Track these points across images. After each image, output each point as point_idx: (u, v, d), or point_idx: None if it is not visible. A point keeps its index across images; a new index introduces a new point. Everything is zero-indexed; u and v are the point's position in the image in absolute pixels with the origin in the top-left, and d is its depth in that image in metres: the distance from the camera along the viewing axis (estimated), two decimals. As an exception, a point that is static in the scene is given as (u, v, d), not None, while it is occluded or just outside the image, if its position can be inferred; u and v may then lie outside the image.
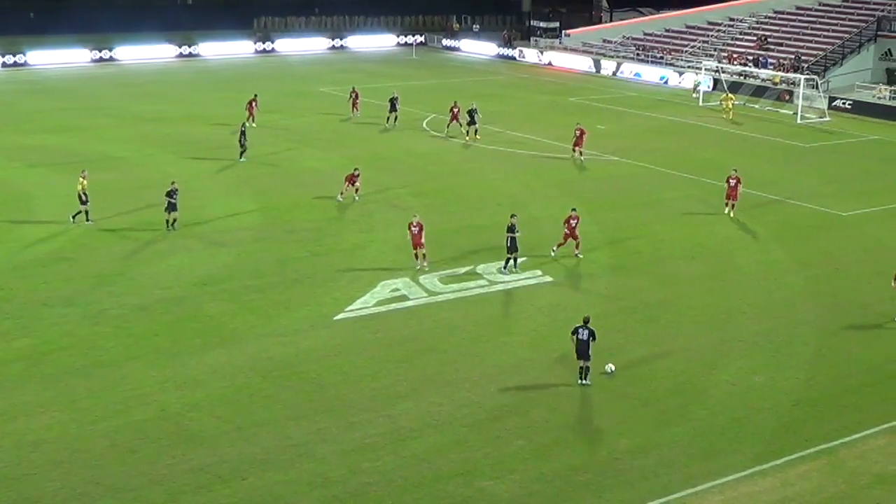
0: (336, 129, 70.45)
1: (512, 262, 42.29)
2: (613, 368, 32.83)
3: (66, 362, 32.88)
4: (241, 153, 60.14)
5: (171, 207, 46.48)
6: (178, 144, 64.85)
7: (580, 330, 31.96)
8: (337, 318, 37.08)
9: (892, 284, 38.38)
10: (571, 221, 43.99)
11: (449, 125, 68.74)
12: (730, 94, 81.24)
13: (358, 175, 51.95)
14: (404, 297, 39.16)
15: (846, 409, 30.98)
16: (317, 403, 30.51)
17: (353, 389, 31.47)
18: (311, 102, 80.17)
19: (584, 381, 31.99)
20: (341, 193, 51.86)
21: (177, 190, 46.67)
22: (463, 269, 42.22)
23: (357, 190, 51.97)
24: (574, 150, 62.57)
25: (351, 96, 75.21)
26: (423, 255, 42.22)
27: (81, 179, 47.76)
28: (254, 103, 68.80)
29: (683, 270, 43.03)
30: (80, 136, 67.19)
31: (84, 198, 47.31)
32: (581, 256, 44.21)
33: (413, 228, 42.08)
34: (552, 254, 44.08)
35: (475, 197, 53.59)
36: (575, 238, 44.00)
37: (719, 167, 61.26)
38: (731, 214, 50.90)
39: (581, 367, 32.06)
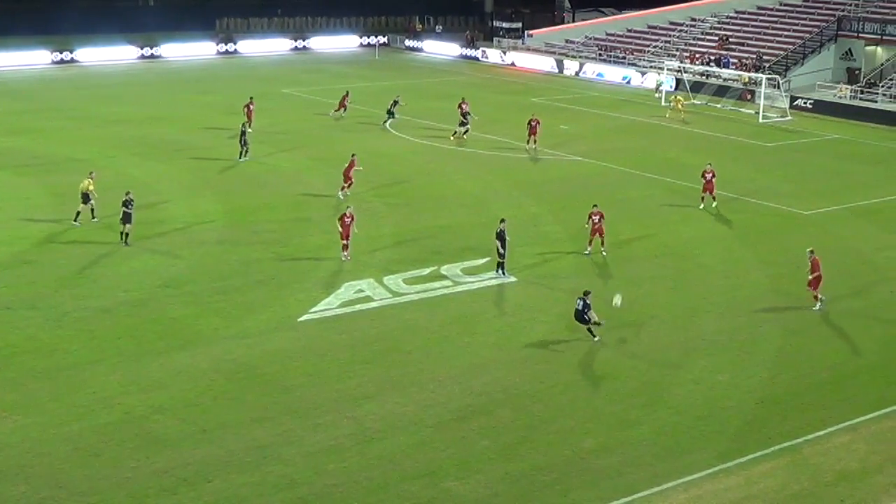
0: (299, 131, 70.23)
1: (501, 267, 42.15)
2: (619, 301, 36.57)
3: (29, 365, 32.65)
4: (242, 153, 60.41)
5: (126, 218, 44.52)
6: (141, 146, 64.49)
7: (577, 301, 35.21)
8: (301, 320, 37.01)
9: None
10: (594, 217, 44.63)
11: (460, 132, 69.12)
12: (678, 95, 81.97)
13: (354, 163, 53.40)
14: (369, 299, 39.14)
15: (809, 407, 31.21)
16: (282, 405, 30.45)
17: (317, 391, 31.43)
18: (274, 104, 79.86)
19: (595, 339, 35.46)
20: (342, 189, 52.76)
21: (132, 200, 44.84)
22: (427, 270, 42.23)
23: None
24: (529, 141, 63.02)
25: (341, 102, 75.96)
26: (346, 245, 43.08)
27: (89, 180, 47.90)
28: (250, 106, 68.34)
29: (647, 270, 43.21)
30: (42, 138, 66.66)
31: (88, 197, 47.30)
32: (605, 254, 44.93)
33: (346, 220, 42.99)
34: (586, 252, 44.93)
35: (439, 197, 53.63)
36: (600, 234, 44.72)
37: (682, 167, 61.72)
38: (710, 206, 52.64)
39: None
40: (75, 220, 47.23)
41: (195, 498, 25.57)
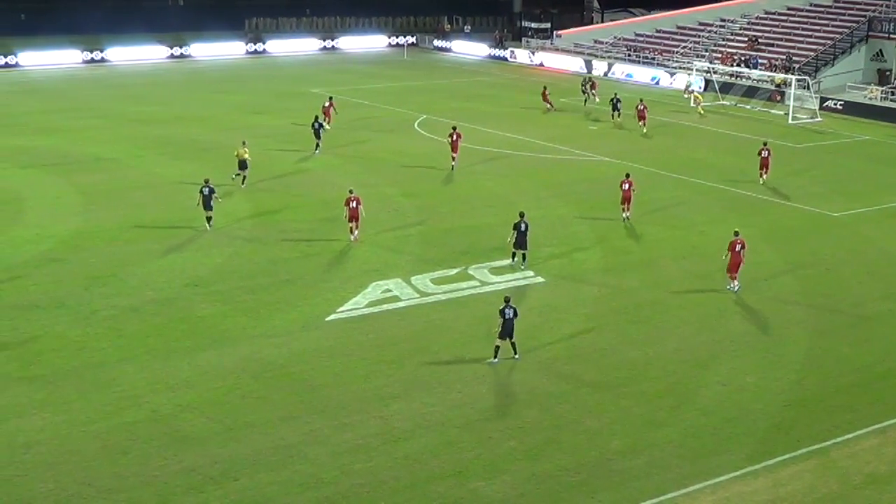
0: (326, 131, 70.29)
1: (520, 257, 42.88)
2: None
3: (58, 364, 32.83)
4: (316, 147, 62.76)
5: (206, 204, 46.85)
6: (169, 146, 64.80)
7: (506, 310, 33.01)
8: (328, 319, 37.06)
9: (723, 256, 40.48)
10: (624, 185, 49.10)
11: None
12: (696, 93, 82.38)
13: (458, 137, 59.13)
14: (396, 298, 39.16)
15: (837, 410, 31.03)
16: (308, 404, 30.49)
17: (344, 390, 31.46)
18: (302, 104, 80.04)
19: (515, 357, 33.61)
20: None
21: (213, 188, 47.11)
22: (455, 270, 42.22)
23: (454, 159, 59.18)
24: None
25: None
26: (356, 227, 45.18)
27: (244, 148, 54.49)
28: (331, 106, 69.73)
29: (674, 271, 43.06)
30: (71, 137, 67.08)
31: (245, 164, 54.24)
32: (628, 217, 49.34)
33: (351, 203, 44.82)
34: (624, 217, 49.39)
35: (466, 198, 53.59)
36: (627, 201, 49.05)
37: (710, 167, 61.57)
38: (765, 180, 57.84)
39: (497, 347, 33.40)
40: (234, 179, 54.26)
41: (222, 496, 25.64)
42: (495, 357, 33.34)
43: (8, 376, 31.85)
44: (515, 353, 33.59)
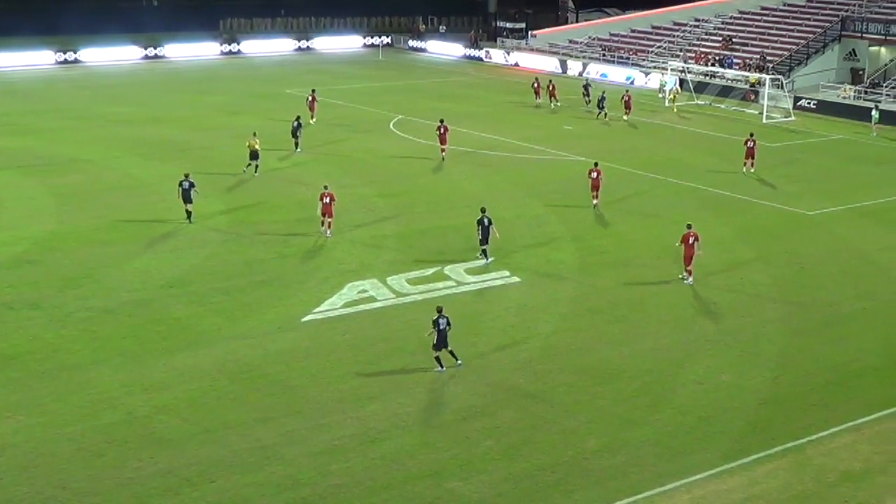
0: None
1: (481, 252, 43.53)
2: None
3: (32, 366, 32.66)
4: (296, 145, 63.60)
5: (186, 197, 47.64)
6: (144, 146, 64.56)
7: (440, 321, 32.50)
8: (304, 320, 37.00)
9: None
10: (592, 174, 51.45)
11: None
12: (673, 91, 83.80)
13: (445, 129, 61.78)
14: (372, 299, 39.13)
15: (812, 408, 31.16)
16: (285, 405, 30.44)
17: (321, 391, 31.42)
18: (277, 104, 79.96)
19: (459, 363, 33.08)
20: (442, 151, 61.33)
21: (193, 182, 47.85)
22: (430, 270, 42.22)
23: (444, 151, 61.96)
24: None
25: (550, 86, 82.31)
26: (330, 223, 46.13)
27: (255, 139, 56.73)
28: (314, 100, 72.18)
29: (650, 270, 43.16)
30: (46, 138, 66.76)
31: (256, 154, 56.44)
32: (597, 205, 51.69)
33: (325, 199, 45.80)
34: (594, 205, 51.62)
35: (442, 198, 53.60)
36: (596, 189, 51.46)
37: (685, 167, 61.78)
38: (750, 171, 60.22)
39: (437, 357, 32.83)
40: (245, 171, 56.66)
41: (198, 498, 25.56)
42: (441, 366, 32.90)
43: (-18, 379, 31.70)
44: (458, 360, 33.14)
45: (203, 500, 25.48)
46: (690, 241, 40.88)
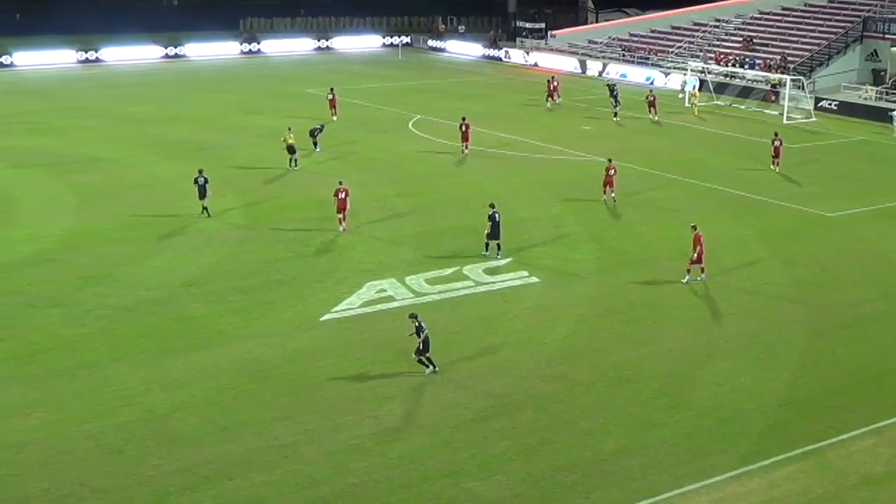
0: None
1: (494, 247, 43.52)
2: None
3: (52, 363, 32.78)
4: (315, 144, 63.51)
5: (202, 193, 48.47)
6: (164, 145, 64.74)
7: (422, 326, 32.26)
8: (323, 319, 37.02)
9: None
10: (610, 171, 52.42)
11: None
12: (693, 91, 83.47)
13: (468, 127, 63.20)
14: (390, 298, 39.11)
15: (833, 410, 31.01)
16: (303, 404, 30.45)
17: (339, 390, 31.42)
18: (296, 104, 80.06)
19: (436, 370, 32.71)
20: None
21: (206, 178, 48.68)
22: (449, 270, 42.18)
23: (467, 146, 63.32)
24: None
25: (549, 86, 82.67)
26: (344, 217, 46.60)
27: (290, 133, 58.18)
28: (335, 98, 73.67)
29: (669, 271, 43.02)
30: (66, 137, 67.03)
31: (293, 148, 58.00)
32: (613, 198, 52.64)
33: (340, 194, 46.20)
34: (604, 199, 52.70)
35: (461, 198, 53.54)
36: (610, 184, 52.51)
37: (705, 168, 61.62)
38: (777, 169, 61.26)
39: (429, 358, 32.59)
40: (291, 166, 58.25)
41: (216, 496, 25.60)
42: (434, 368, 32.64)
43: (2, 376, 31.81)
44: (435, 367, 32.76)
45: (220, 498, 25.51)
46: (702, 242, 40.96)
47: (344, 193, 46.28)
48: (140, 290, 39.31)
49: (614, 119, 76.28)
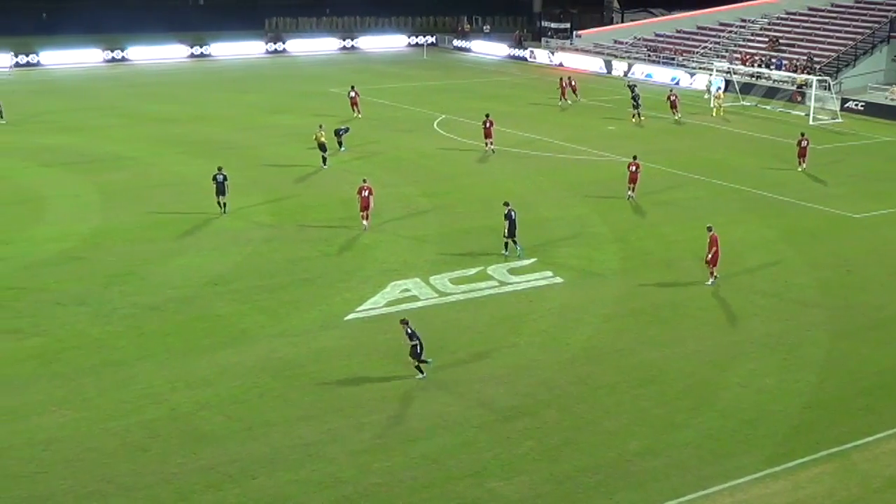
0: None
1: (512, 245, 43.78)
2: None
3: (78, 361, 32.96)
4: (340, 144, 63.47)
5: (221, 190, 49.04)
6: (189, 144, 64.99)
7: (413, 332, 31.96)
8: (347, 319, 37.09)
9: None
10: (631, 167, 52.76)
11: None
12: (717, 93, 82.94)
13: (491, 123, 63.89)
14: (415, 298, 39.16)
15: (858, 412, 30.88)
16: (327, 403, 30.52)
17: (363, 390, 31.48)
18: (321, 103, 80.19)
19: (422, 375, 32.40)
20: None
21: (225, 175, 49.26)
22: (473, 270, 42.20)
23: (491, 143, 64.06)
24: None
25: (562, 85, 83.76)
26: (367, 215, 46.93)
27: (321, 132, 58.72)
28: (357, 95, 74.54)
29: (693, 272, 42.90)
30: (92, 135, 67.38)
31: (324, 146, 58.66)
32: (633, 197, 53.12)
33: (363, 192, 46.61)
34: (628, 196, 53.23)
35: (485, 198, 53.49)
36: (633, 181, 53.04)
37: (730, 168, 61.42)
38: (804, 169, 61.45)
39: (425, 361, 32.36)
40: (323, 164, 58.69)
41: (240, 494, 25.68)
42: (422, 372, 32.34)
43: (29, 374, 32.00)
44: (422, 373, 32.44)
45: (245, 497, 25.60)
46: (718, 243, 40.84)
47: (367, 192, 46.55)
48: (166, 289, 39.48)
49: (632, 121, 75.90)
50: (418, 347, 32.03)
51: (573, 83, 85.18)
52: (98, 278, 40.45)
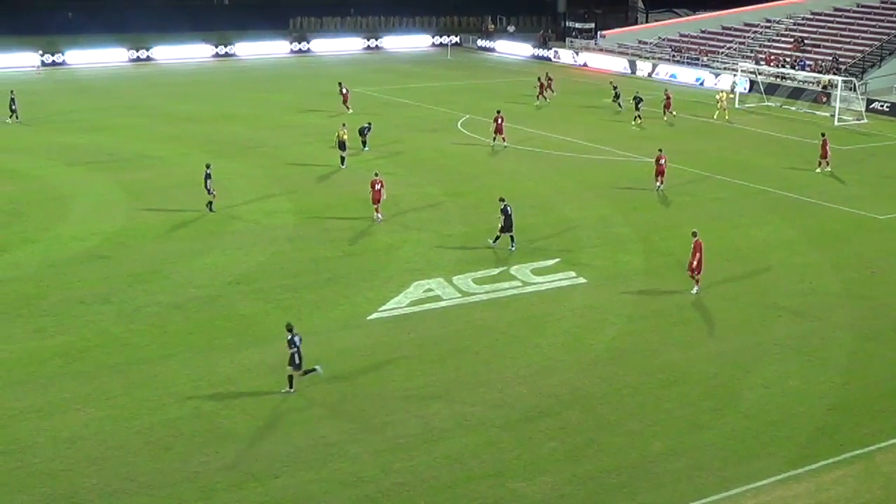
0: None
1: (508, 240, 44.43)
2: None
3: (102, 360, 33.11)
4: (364, 143, 63.74)
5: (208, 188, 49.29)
6: (213, 144, 65.13)
7: (296, 339, 31.02)
8: (370, 318, 37.14)
9: None
10: (660, 160, 54.02)
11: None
12: (723, 92, 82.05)
13: (502, 119, 65.05)
14: (438, 298, 39.18)
15: (882, 414, 30.74)
16: (349, 403, 30.58)
17: (385, 389, 31.52)
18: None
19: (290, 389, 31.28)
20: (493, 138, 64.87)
21: (209, 174, 49.53)
22: (497, 270, 42.20)
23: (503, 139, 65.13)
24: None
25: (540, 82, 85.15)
26: (377, 208, 48.22)
27: (343, 130, 59.01)
28: (348, 91, 75.45)
29: (717, 272, 42.77)
30: (117, 135, 67.62)
31: (344, 145, 58.58)
32: (662, 189, 54.54)
33: (375, 186, 47.83)
34: (656, 189, 54.49)
35: (509, 198, 53.31)
36: (661, 174, 54.32)
37: (753, 169, 61.20)
38: (825, 170, 60.92)
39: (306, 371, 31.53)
40: (343, 164, 58.65)
41: (263, 493, 25.76)
42: (291, 388, 31.28)
43: (53, 372, 32.17)
44: (291, 388, 31.28)
45: (267, 496, 25.67)
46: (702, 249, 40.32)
47: (379, 185, 47.67)
48: (189, 288, 39.62)
49: (633, 123, 75.12)
50: (296, 356, 31.01)
51: (550, 80, 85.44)
52: (122, 277, 40.62)
